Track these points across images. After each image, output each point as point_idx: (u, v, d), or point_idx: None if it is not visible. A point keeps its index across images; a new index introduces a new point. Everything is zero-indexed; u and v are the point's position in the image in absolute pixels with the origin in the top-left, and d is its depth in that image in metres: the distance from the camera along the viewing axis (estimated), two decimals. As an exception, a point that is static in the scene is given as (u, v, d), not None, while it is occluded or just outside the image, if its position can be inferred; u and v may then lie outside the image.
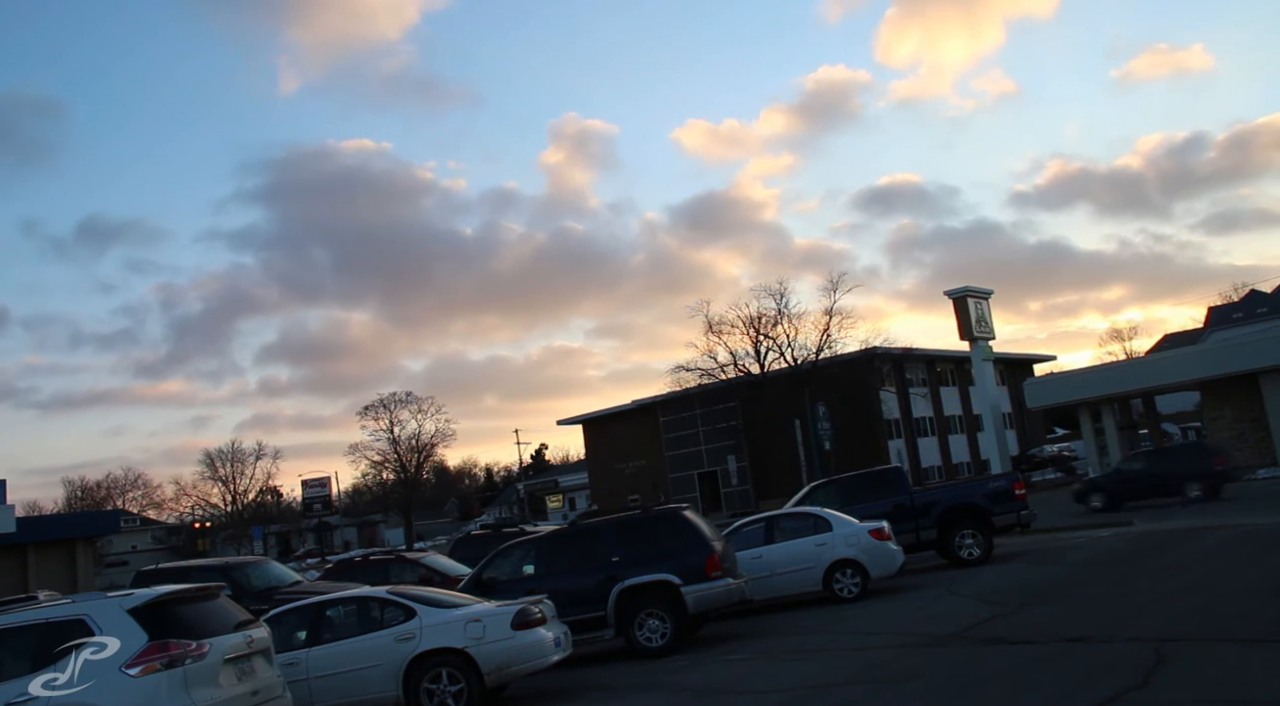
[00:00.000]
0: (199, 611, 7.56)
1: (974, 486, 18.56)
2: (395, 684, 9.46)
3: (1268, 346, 31.89)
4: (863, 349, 49.20)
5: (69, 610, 7.19)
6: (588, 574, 11.96)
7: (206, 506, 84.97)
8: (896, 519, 16.25)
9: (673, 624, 11.61)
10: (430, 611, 9.80)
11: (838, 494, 17.62)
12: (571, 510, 75.84)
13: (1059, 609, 11.00)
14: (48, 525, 31.42)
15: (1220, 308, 79.52)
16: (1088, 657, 8.19)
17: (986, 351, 39.47)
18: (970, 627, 10.33)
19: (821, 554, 14.32)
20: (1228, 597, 10.28)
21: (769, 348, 50.85)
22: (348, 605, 10.58)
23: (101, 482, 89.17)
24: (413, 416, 67.70)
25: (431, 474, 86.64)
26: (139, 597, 7.29)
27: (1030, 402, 40.42)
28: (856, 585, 14.12)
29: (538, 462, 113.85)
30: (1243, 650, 7.73)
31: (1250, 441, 32.50)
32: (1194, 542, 15.24)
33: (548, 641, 9.64)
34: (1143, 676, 7.08)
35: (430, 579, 15.17)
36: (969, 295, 38.71)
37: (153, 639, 6.92)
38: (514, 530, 18.10)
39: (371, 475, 72.41)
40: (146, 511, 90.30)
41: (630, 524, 12.56)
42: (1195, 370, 34.11)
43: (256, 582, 15.23)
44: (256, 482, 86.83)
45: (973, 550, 16.62)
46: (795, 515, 15.65)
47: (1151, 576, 12.47)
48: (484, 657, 9.33)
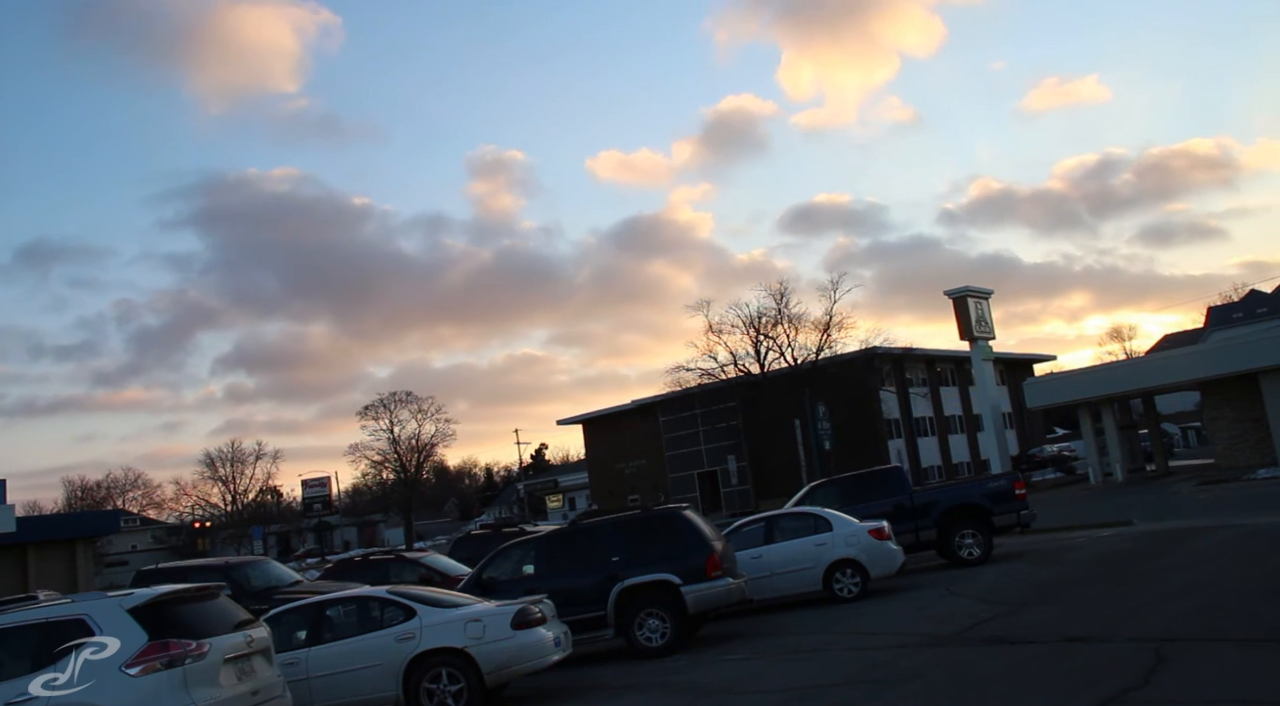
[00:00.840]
0: (199, 611, 7.56)
1: (974, 486, 18.53)
2: (395, 683, 9.46)
3: (1268, 346, 31.88)
4: (863, 349, 49.21)
5: (69, 610, 7.19)
6: (588, 573, 11.96)
7: (206, 506, 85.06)
8: (896, 519, 16.25)
9: (673, 624, 11.60)
10: (430, 611, 9.80)
11: (838, 494, 17.61)
12: (571, 510, 75.78)
13: (1059, 609, 10.99)
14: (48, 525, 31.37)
15: (1220, 307, 79.53)
16: (1088, 657, 8.19)
17: (986, 351, 39.48)
18: (970, 627, 10.33)
19: (821, 554, 14.31)
20: (1228, 597, 10.28)
21: (769, 348, 50.91)
22: (348, 605, 10.57)
23: (101, 482, 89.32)
24: (412, 416, 67.85)
25: (431, 474, 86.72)
26: (139, 597, 7.30)
27: (1030, 402, 40.40)
28: (856, 585, 14.12)
29: (538, 462, 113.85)
30: (1243, 650, 7.73)
31: (1250, 441, 32.51)
32: (1194, 542, 15.23)
33: (548, 641, 9.64)
34: (1143, 676, 7.08)
35: (430, 579, 15.17)
36: (969, 295, 38.73)
37: (153, 638, 6.92)
38: (514, 530, 18.07)
39: (371, 475, 72.60)
40: (146, 511, 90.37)
41: (630, 524, 12.55)
42: (1195, 370, 34.10)
43: (256, 582, 15.22)
44: (256, 482, 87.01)
45: (973, 550, 16.62)
46: (795, 515, 15.64)
47: (1151, 576, 12.47)
48: (484, 657, 9.33)
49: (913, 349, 52.98)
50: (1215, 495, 24.24)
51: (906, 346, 52.23)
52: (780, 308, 50.47)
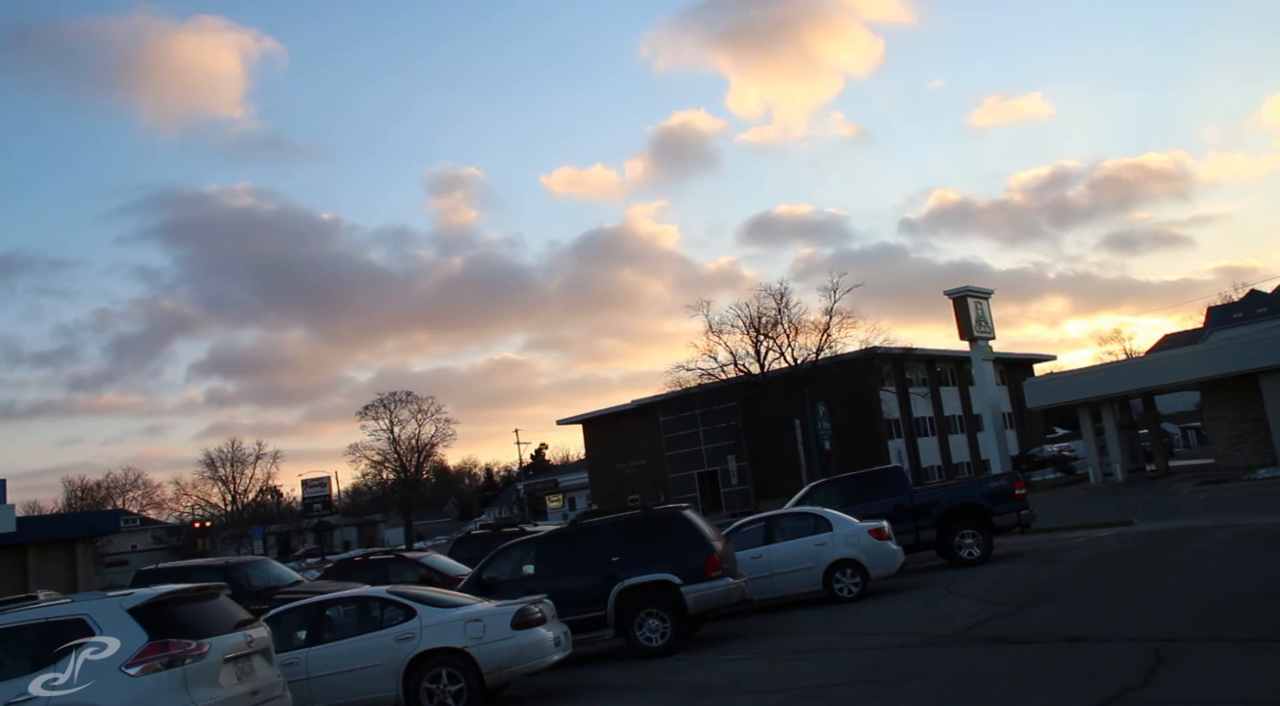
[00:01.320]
0: (199, 611, 7.56)
1: (974, 486, 18.52)
2: (395, 683, 9.46)
3: (1268, 346, 31.87)
4: (862, 349, 49.23)
5: (69, 610, 7.19)
6: (588, 573, 11.96)
7: (206, 506, 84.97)
8: (896, 519, 16.24)
9: (673, 623, 11.60)
10: (430, 611, 9.80)
11: (838, 494, 17.61)
12: (571, 510, 75.76)
13: (1059, 609, 10.99)
14: (48, 525, 31.40)
15: (1220, 307, 79.54)
16: (1088, 657, 8.19)
17: (986, 351, 39.48)
18: (970, 627, 10.34)
19: (821, 554, 14.31)
20: (1228, 597, 10.28)
21: (769, 348, 50.92)
22: (348, 605, 10.58)
23: (101, 482, 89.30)
24: (412, 416, 67.85)
25: (431, 474, 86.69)
26: (139, 597, 7.30)
27: (1030, 402, 40.40)
28: (856, 585, 14.12)
29: (538, 462, 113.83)
30: (1243, 650, 7.73)
31: (1250, 441, 32.49)
32: (1194, 542, 15.23)
33: (548, 641, 9.65)
34: (1143, 676, 7.08)
35: (430, 578, 15.17)
36: (969, 295, 38.73)
37: (153, 638, 6.92)
38: (514, 530, 18.08)
39: (371, 475, 72.57)
40: (146, 511, 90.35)
41: (630, 524, 12.55)
42: (1195, 370, 34.10)
43: (256, 582, 15.23)
44: (256, 482, 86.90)
45: (973, 550, 16.61)
46: (795, 515, 15.64)
47: (1151, 576, 12.47)
48: (484, 657, 9.33)
49: (913, 349, 52.99)
50: (1215, 495, 24.24)
51: (906, 346, 52.25)
52: (780, 308, 50.57)
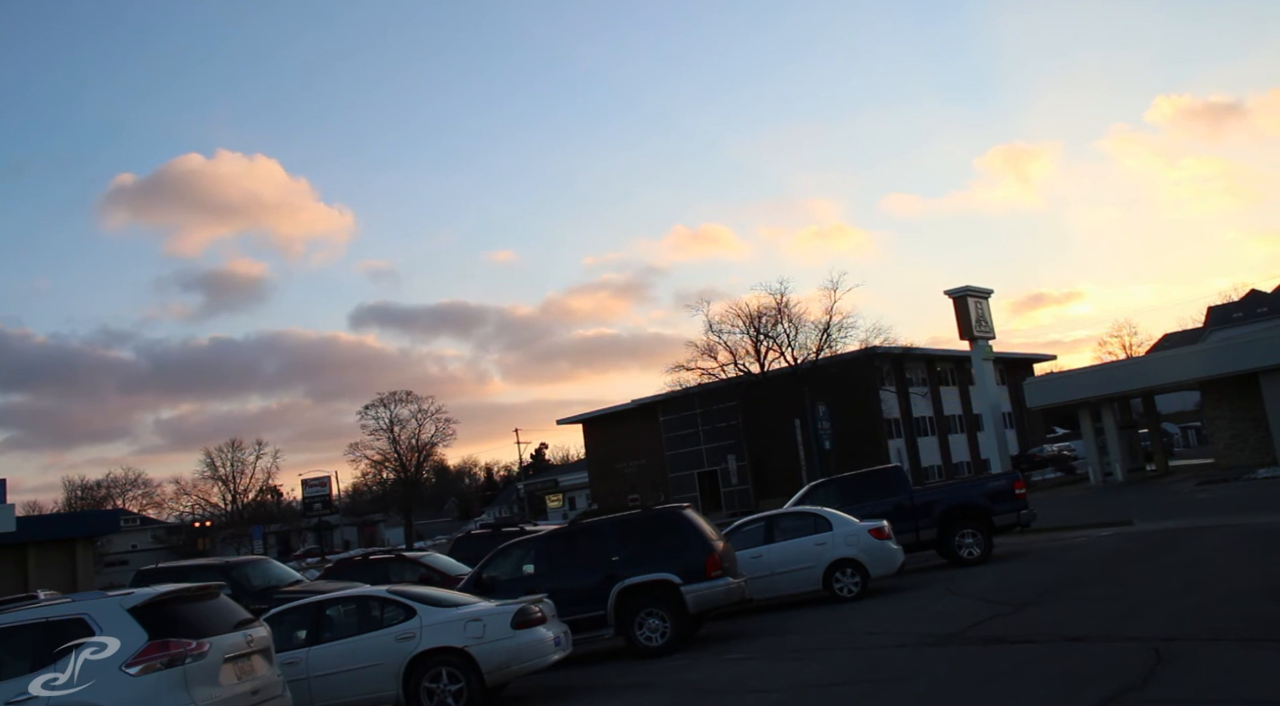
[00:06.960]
0: (199, 610, 7.55)
1: (974, 486, 18.52)
2: (395, 683, 9.46)
3: (1268, 346, 31.85)
4: (862, 348, 49.21)
5: (69, 609, 7.19)
6: (588, 573, 11.96)
7: (206, 506, 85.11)
8: (896, 518, 16.23)
9: (673, 623, 11.60)
10: (430, 610, 9.80)
11: (838, 493, 17.60)
12: (571, 509, 75.78)
13: (1059, 608, 10.99)
14: (48, 525, 31.41)
15: (1220, 307, 79.57)
16: (1088, 657, 8.19)
17: (986, 351, 39.45)
18: (970, 627, 10.34)
19: (821, 553, 14.31)
20: (1228, 597, 10.27)
21: (769, 347, 50.90)
22: (348, 604, 10.57)
23: (101, 482, 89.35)
24: (412, 416, 67.86)
25: (431, 473, 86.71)
26: (139, 597, 7.29)
27: (1030, 402, 40.41)
28: (856, 584, 14.12)
29: (538, 462, 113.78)
30: (1243, 650, 7.73)
31: (1250, 441, 32.49)
32: (1194, 542, 15.23)
33: (548, 640, 9.65)
34: (1143, 676, 7.08)
35: (430, 578, 15.16)
36: (969, 295, 38.68)
37: (153, 638, 6.91)
38: (514, 529, 18.06)
39: (371, 475, 72.57)
40: (146, 511, 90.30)
41: (630, 523, 12.55)
42: (1195, 370, 34.10)
43: (256, 582, 15.22)
44: (256, 482, 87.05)
45: (973, 550, 16.61)
46: (795, 514, 15.64)
47: (1151, 575, 12.47)
48: (484, 657, 9.33)
49: (912, 348, 52.94)
50: (1215, 495, 24.24)
51: (906, 346, 52.22)
52: (780, 307, 50.56)
